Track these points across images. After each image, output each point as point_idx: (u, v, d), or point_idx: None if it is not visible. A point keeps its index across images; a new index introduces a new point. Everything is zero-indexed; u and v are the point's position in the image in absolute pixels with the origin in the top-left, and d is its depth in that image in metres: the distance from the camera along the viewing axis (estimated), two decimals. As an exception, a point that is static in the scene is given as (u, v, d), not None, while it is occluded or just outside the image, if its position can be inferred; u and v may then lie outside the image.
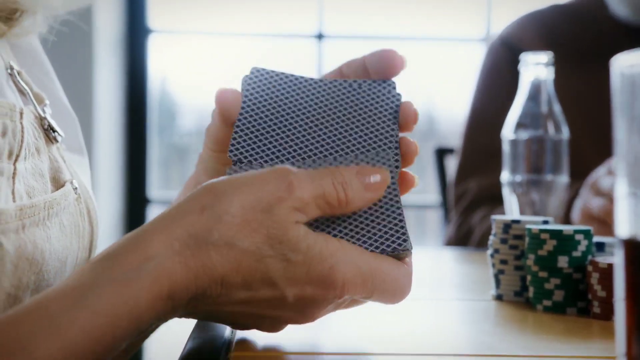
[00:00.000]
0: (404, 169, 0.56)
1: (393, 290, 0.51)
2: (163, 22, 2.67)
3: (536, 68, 0.96)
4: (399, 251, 0.51)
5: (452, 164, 1.71)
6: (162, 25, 2.66)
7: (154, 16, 2.63)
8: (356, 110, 0.57)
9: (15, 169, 0.50)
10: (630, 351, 0.37)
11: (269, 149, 0.54)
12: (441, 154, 1.82)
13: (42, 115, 0.56)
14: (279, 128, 0.56)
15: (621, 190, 0.38)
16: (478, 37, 2.71)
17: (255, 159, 0.54)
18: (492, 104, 1.44)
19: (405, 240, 0.51)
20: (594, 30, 1.44)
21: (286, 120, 0.56)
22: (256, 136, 0.55)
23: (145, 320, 0.45)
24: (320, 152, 0.55)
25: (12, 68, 0.56)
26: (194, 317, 0.50)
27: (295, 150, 0.55)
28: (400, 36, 2.72)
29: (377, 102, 0.57)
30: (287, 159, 0.54)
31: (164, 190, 2.82)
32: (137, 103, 2.61)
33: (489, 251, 0.74)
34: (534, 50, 0.97)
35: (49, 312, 0.42)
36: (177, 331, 1.00)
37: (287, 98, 0.57)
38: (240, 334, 0.57)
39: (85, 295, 0.43)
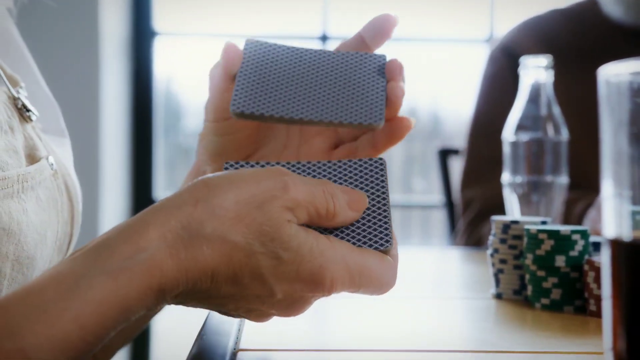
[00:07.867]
0: (398, 115, 0.61)
1: (379, 285, 0.52)
2: (168, 24, 2.69)
3: (536, 71, 0.98)
4: (382, 250, 0.52)
5: (456, 165, 1.71)
6: (167, 27, 2.67)
7: (160, 18, 2.64)
8: (346, 68, 0.63)
9: None
10: (616, 345, 0.39)
11: (268, 101, 0.59)
12: (445, 154, 1.82)
13: (16, 95, 0.57)
14: (277, 81, 0.61)
15: (607, 190, 0.39)
16: (481, 38, 2.72)
17: (256, 110, 0.58)
18: (495, 111, 1.44)
19: (387, 241, 0.52)
20: (593, 34, 1.45)
21: (283, 74, 0.61)
22: (256, 89, 0.60)
23: (134, 311, 0.45)
24: (314, 103, 0.60)
25: None
26: (183, 305, 0.51)
27: (292, 100, 0.60)
28: (405, 37, 2.74)
29: (364, 62, 0.63)
30: (285, 112, 0.59)
31: (169, 190, 2.84)
32: (142, 105, 2.62)
33: (489, 251, 0.76)
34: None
35: (41, 299, 0.43)
36: (185, 329, 1.02)
37: (283, 57, 0.63)
38: (247, 330, 0.59)
39: (78, 284, 0.43)
